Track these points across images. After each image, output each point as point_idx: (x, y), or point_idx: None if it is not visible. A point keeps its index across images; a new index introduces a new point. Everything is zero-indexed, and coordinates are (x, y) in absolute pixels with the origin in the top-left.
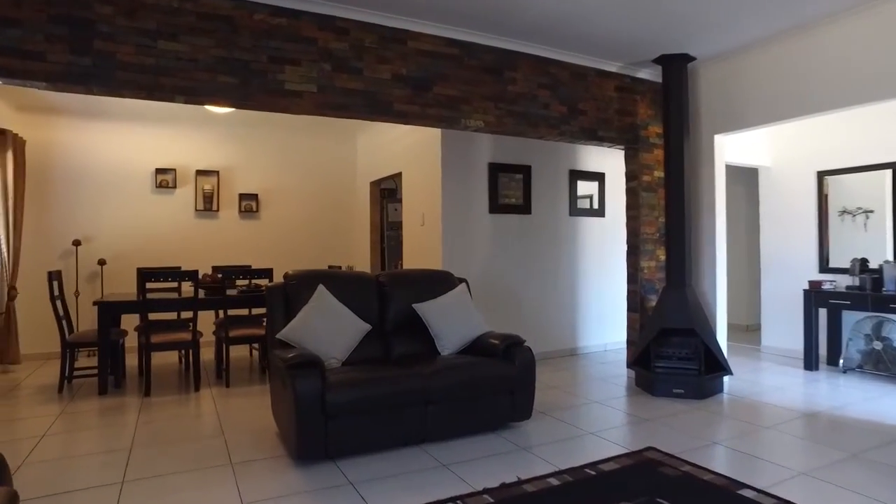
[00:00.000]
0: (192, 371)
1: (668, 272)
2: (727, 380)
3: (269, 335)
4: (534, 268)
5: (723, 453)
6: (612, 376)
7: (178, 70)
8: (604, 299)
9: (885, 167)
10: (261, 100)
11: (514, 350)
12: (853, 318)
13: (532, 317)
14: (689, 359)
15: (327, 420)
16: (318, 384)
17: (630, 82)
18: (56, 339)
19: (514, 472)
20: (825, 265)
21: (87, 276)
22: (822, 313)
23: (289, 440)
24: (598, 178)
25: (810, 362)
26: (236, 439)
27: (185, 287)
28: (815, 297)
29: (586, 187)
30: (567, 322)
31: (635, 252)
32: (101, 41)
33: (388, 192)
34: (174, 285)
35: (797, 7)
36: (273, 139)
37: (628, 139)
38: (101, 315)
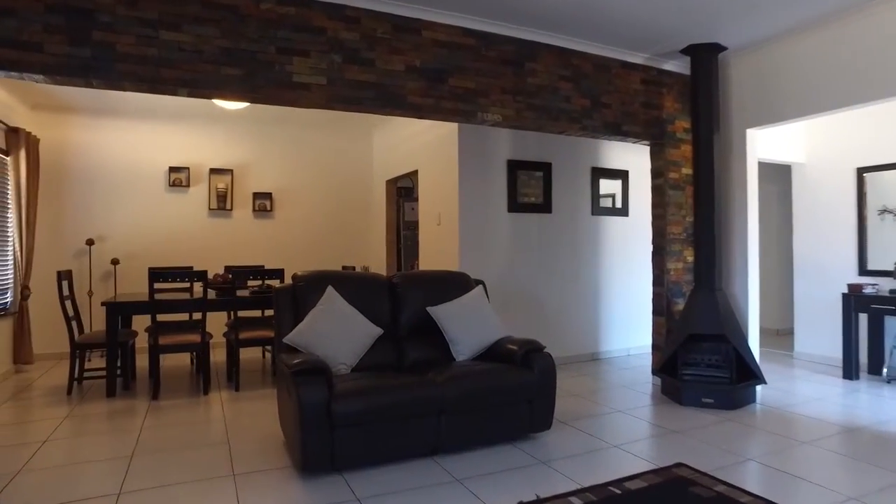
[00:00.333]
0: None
1: (696, 274)
2: (760, 389)
3: (276, 339)
4: (554, 269)
5: (759, 471)
6: (636, 383)
7: (180, 61)
8: (627, 302)
9: None
10: (268, 92)
11: (533, 356)
12: None
13: (552, 320)
14: (718, 366)
15: (333, 430)
16: (323, 393)
17: (656, 75)
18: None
19: (532, 490)
20: (864, 267)
21: (100, 275)
22: (863, 318)
23: (294, 450)
24: (622, 175)
25: (850, 371)
26: (241, 448)
27: (198, 287)
28: (855, 301)
29: (609, 185)
30: (588, 325)
31: (661, 253)
32: (101, 31)
33: (404, 190)
34: (186, 285)
35: None
36: (287, 137)
37: (654, 134)
38: (109, 316)
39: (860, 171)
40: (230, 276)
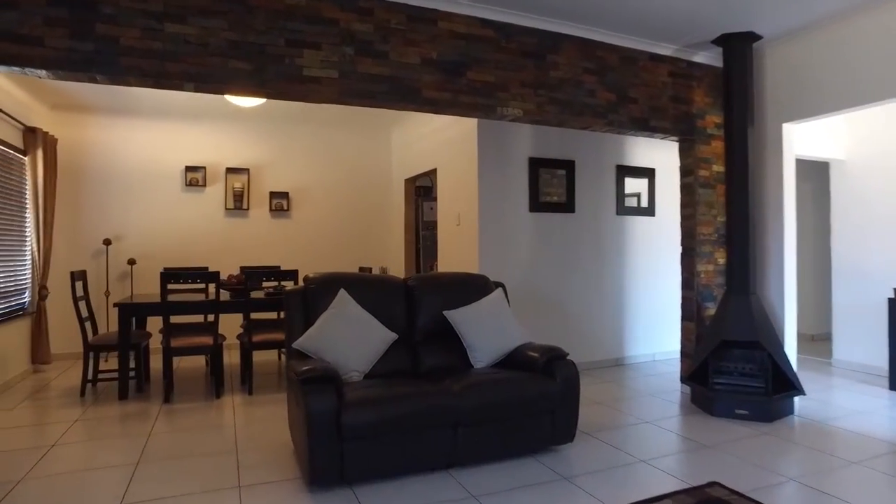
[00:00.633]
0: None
1: (728, 277)
2: (798, 400)
3: (286, 344)
4: (577, 271)
5: (802, 494)
6: (663, 391)
7: (186, 55)
8: (653, 305)
9: None
10: (277, 87)
11: (555, 364)
12: None
13: (574, 324)
14: (753, 375)
15: (343, 442)
16: (333, 402)
17: (686, 67)
18: None
19: None
20: None
21: (117, 275)
22: None
23: (303, 461)
24: (648, 173)
25: None
26: (249, 457)
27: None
28: None
29: (634, 184)
30: (612, 330)
31: (691, 255)
32: (104, 24)
33: (423, 189)
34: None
35: None
36: (305, 135)
37: (683, 130)
38: (121, 317)
39: None
40: (243, 277)
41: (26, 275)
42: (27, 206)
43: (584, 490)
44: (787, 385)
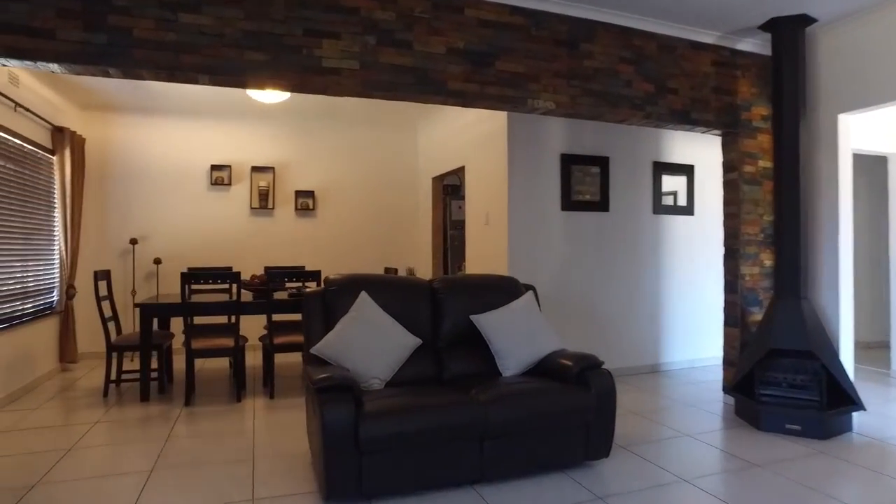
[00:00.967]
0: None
1: (777, 280)
2: (856, 416)
3: (305, 349)
4: (611, 272)
5: None
6: (703, 401)
7: (201, 46)
8: (691, 309)
9: None
10: (295, 79)
11: (590, 374)
12: None
13: (608, 328)
14: (804, 387)
15: (362, 455)
16: (350, 413)
17: (730, 55)
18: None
19: None
20: None
21: (144, 275)
22: None
23: (320, 473)
24: (686, 170)
25: None
26: (266, 466)
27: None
28: None
29: (672, 181)
30: (648, 335)
31: (734, 256)
32: (117, 15)
33: (451, 188)
34: (225, 287)
35: None
36: (330, 133)
37: (727, 122)
38: (142, 318)
39: None
40: (266, 277)
41: (54, 274)
42: (55, 205)
43: None
44: (843, 399)
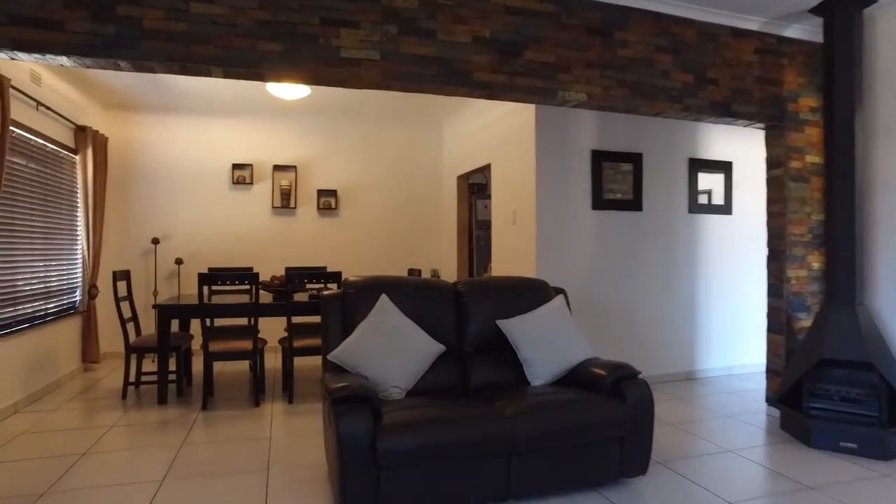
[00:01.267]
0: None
1: (828, 284)
2: None
3: (323, 354)
4: (644, 274)
5: None
6: (745, 412)
7: (213, 37)
8: (728, 314)
9: None
10: (311, 70)
11: (625, 385)
12: None
13: (641, 333)
14: (860, 401)
15: (380, 471)
16: (368, 426)
17: (775, 43)
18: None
19: None
20: None
21: (165, 275)
22: None
23: (336, 488)
24: (724, 167)
25: None
26: (280, 478)
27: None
28: None
29: (709, 179)
30: (683, 340)
31: (780, 258)
32: (125, 5)
33: (476, 186)
34: (246, 288)
35: None
36: (353, 131)
37: (772, 115)
38: (160, 319)
39: None
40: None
41: (77, 274)
42: (78, 204)
43: None
44: None
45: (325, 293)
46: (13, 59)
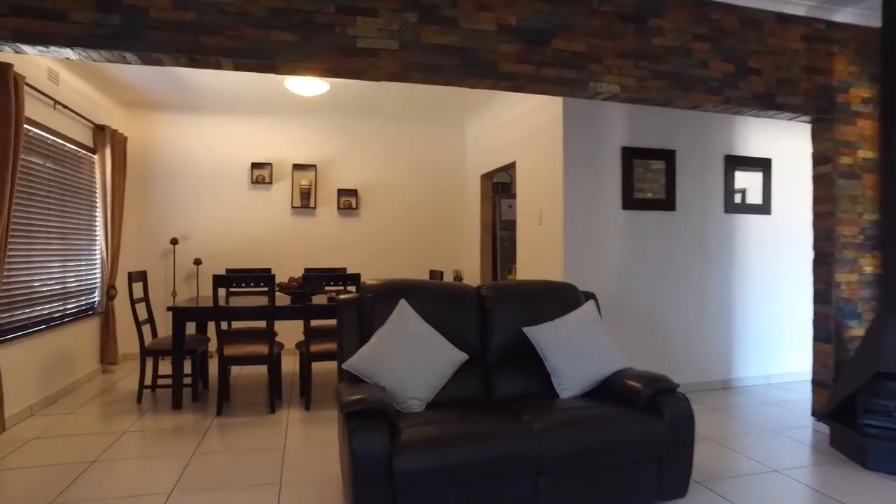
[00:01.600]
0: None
1: (885, 290)
2: None
3: (338, 362)
4: (677, 277)
5: None
6: (789, 427)
7: (223, 27)
8: (768, 319)
9: None
10: (327, 61)
11: (662, 399)
12: None
13: (673, 339)
14: None
15: (396, 491)
16: (383, 442)
17: (824, 28)
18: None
19: None
20: None
21: (184, 276)
22: None
23: None
24: (763, 164)
25: None
26: (293, 493)
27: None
28: None
29: (746, 177)
30: (719, 347)
31: (827, 261)
32: None
33: (501, 186)
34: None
35: None
36: (373, 129)
37: (820, 107)
38: (175, 322)
39: None
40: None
41: (96, 274)
42: (97, 204)
43: None
44: None
45: (341, 297)
46: (17, 51)
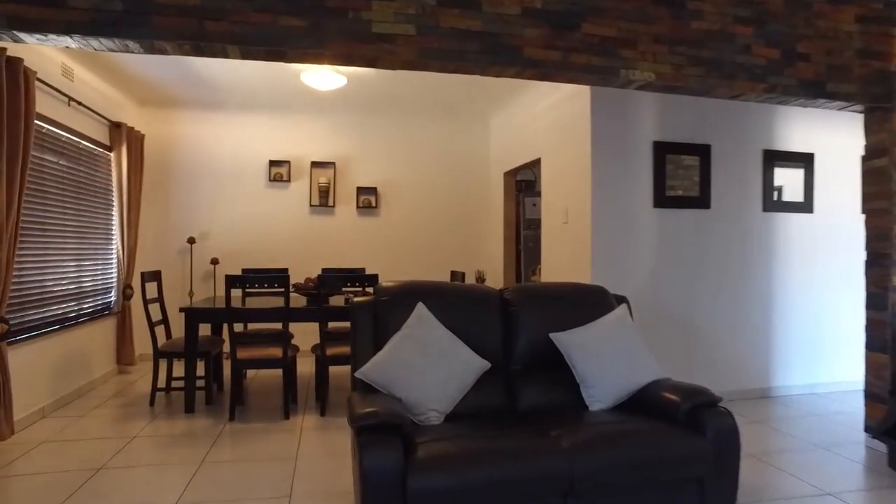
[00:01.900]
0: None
1: None
2: None
3: (352, 370)
4: (712, 279)
5: None
6: (839, 443)
7: (229, 11)
8: (811, 325)
9: None
10: (339, 48)
11: (703, 414)
12: None
13: (708, 344)
14: None
15: None
16: (397, 460)
17: (882, 8)
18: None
19: None
20: None
21: (201, 275)
22: None
23: None
24: (805, 159)
25: None
26: None
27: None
28: None
29: (787, 173)
30: (758, 353)
31: (882, 263)
32: None
33: (525, 183)
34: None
35: None
36: (393, 125)
37: (875, 95)
38: (187, 323)
39: None
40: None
41: (112, 274)
42: (113, 203)
43: None
44: None
45: (355, 300)
46: (14, 40)
